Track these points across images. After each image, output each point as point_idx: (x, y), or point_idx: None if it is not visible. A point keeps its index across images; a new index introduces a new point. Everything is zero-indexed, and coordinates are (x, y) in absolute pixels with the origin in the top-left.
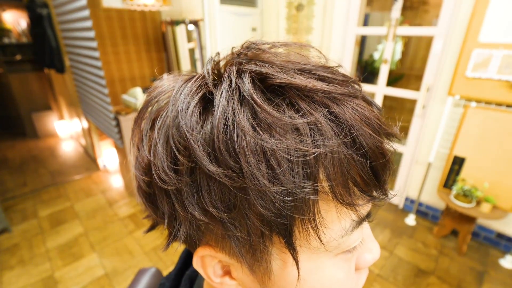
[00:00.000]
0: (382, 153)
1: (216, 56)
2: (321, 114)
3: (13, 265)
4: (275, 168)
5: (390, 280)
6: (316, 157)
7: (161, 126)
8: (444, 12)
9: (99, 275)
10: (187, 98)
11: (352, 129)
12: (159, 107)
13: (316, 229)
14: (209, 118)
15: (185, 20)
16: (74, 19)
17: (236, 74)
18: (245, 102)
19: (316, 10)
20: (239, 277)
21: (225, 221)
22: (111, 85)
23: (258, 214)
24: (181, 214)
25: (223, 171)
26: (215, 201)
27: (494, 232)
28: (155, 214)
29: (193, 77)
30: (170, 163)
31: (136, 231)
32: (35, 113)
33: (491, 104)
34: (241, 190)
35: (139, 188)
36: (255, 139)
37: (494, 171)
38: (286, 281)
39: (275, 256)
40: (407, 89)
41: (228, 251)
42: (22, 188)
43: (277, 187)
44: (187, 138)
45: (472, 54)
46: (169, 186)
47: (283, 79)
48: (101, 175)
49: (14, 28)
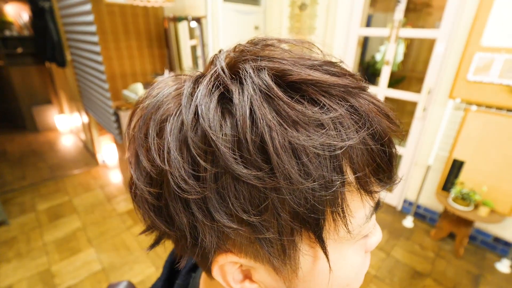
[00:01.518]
0: (392, 140)
1: (223, 53)
2: (343, 108)
3: (10, 258)
4: (307, 164)
5: (386, 281)
6: (344, 150)
7: (172, 131)
8: (447, 15)
9: (96, 270)
10: (205, 99)
11: (372, 121)
12: (163, 111)
13: (344, 220)
14: (230, 118)
15: (188, 17)
16: (76, 13)
17: (254, 71)
18: (269, 99)
19: (319, 9)
20: (261, 279)
21: (255, 225)
22: (112, 80)
23: (290, 212)
24: (205, 224)
25: (255, 173)
26: (245, 205)
27: (491, 236)
28: (168, 227)
29: (201, 76)
30: (190, 170)
31: (134, 227)
32: (35, 106)
33: (491, 108)
34: (273, 190)
35: (143, 202)
36: (285, 137)
37: (493, 175)
38: (314, 275)
39: (303, 252)
40: (408, 91)
41: (253, 254)
42: (20, 181)
43: (310, 183)
44: (211, 142)
45: (474, 57)
46: (192, 196)
47: (301, 75)
48: (100, 170)
49: (16, 21)
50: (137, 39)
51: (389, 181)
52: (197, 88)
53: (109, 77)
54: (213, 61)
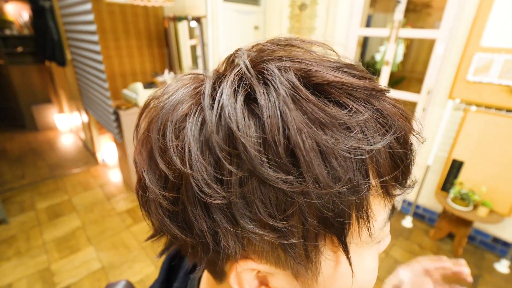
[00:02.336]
0: (413, 144)
1: (243, 51)
2: (370, 111)
3: (9, 256)
4: (336, 168)
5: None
6: (371, 154)
7: (193, 132)
8: (447, 15)
9: (95, 269)
10: (230, 99)
11: (397, 125)
12: (182, 111)
13: (368, 224)
14: (256, 120)
15: (188, 17)
16: (76, 12)
17: (280, 71)
18: (297, 101)
19: (319, 10)
20: (278, 286)
21: (281, 230)
22: (112, 79)
23: (317, 217)
24: (228, 230)
25: (284, 176)
26: (271, 210)
27: (490, 236)
28: (184, 233)
29: (221, 75)
30: (214, 173)
31: (133, 226)
32: (35, 105)
33: (491, 108)
34: (301, 194)
35: (156, 206)
36: (315, 139)
37: (492, 175)
38: (334, 280)
39: (325, 257)
40: (408, 92)
41: (274, 260)
42: (20, 180)
43: (340, 186)
44: (237, 144)
45: (474, 58)
46: (216, 200)
47: (327, 77)
48: (100, 169)
49: (16, 20)
50: (137, 39)
51: (408, 185)
52: (218, 88)
53: (109, 76)
54: (232, 60)
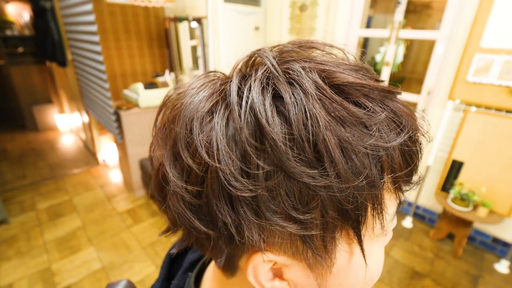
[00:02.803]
0: (421, 143)
1: (267, 52)
2: (386, 112)
3: (10, 257)
4: (356, 163)
5: (385, 281)
6: (388, 151)
7: (221, 127)
8: (447, 16)
9: (96, 269)
10: (260, 97)
11: (410, 125)
12: (208, 108)
13: (381, 216)
14: (283, 117)
15: (188, 17)
16: (77, 13)
17: (305, 71)
18: (322, 100)
19: (319, 11)
20: (292, 277)
21: (303, 222)
22: (112, 80)
23: (337, 209)
24: (253, 222)
25: (309, 170)
26: (295, 203)
27: (490, 236)
28: (206, 226)
29: (246, 74)
30: (242, 167)
31: (133, 226)
32: (35, 106)
33: (491, 109)
34: (324, 188)
35: (178, 200)
36: (338, 136)
37: (492, 176)
38: (347, 271)
39: (340, 248)
40: (408, 92)
41: (292, 252)
42: (21, 180)
43: (360, 181)
44: (266, 139)
45: (474, 59)
46: (243, 193)
47: (347, 78)
48: (100, 170)
49: (17, 20)
50: (138, 39)
51: (415, 181)
52: (244, 86)
53: (109, 77)
54: (254, 60)
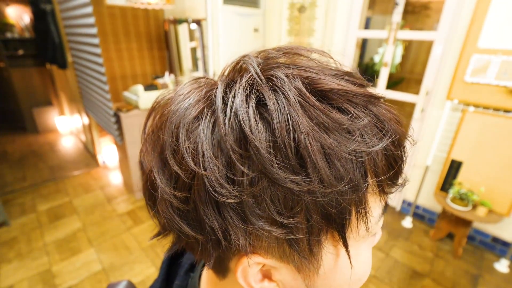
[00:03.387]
0: (405, 146)
1: (252, 58)
2: (369, 117)
3: (11, 258)
4: (339, 168)
5: (385, 281)
6: (370, 156)
7: (206, 135)
8: (444, 17)
9: (96, 270)
10: (243, 105)
11: (393, 129)
12: (194, 114)
13: (366, 219)
14: (267, 124)
15: (188, 19)
16: (77, 16)
17: (289, 79)
18: (304, 107)
19: (318, 12)
20: (280, 279)
21: (288, 226)
22: (112, 82)
23: (320, 213)
24: (239, 227)
25: (292, 177)
26: (279, 207)
27: (489, 236)
28: (194, 231)
29: (231, 81)
30: (227, 174)
31: (134, 228)
32: (36, 108)
33: (489, 109)
34: (307, 193)
35: (167, 206)
36: (321, 142)
37: (491, 175)
38: (334, 272)
39: (326, 251)
40: (407, 93)
41: (279, 255)
42: (21, 182)
43: (343, 186)
44: (250, 147)
45: (471, 59)
46: (229, 199)
47: (330, 85)
48: (100, 171)
49: (17, 23)
50: (138, 41)
51: (400, 183)
52: (229, 93)
53: (109, 79)
54: (240, 66)
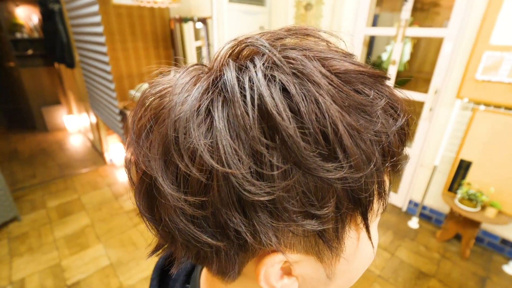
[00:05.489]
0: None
1: (260, 40)
2: (385, 98)
3: (22, 253)
4: (367, 151)
5: (390, 281)
6: (390, 136)
7: (224, 127)
8: (455, 13)
9: (104, 265)
10: (267, 90)
11: (405, 109)
12: (205, 106)
13: (384, 199)
14: (294, 111)
15: (194, 18)
16: (84, 14)
17: (308, 60)
18: (330, 90)
19: (324, 10)
20: (301, 272)
21: (320, 216)
22: (119, 81)
23: (350, 199)
24: (269, 225)
25: (325, 165)
26: (312, 199)
27: (498, 238)
28: (214, 239)
29: (242, 66)
30: (256, 169)
31: (140, 224)
32: (45, 107)
33: (500, 108)
34: (339, 180)
35: (177, 215)
36: (350, 126)
37: (501, 176)
38: (355, 256)
39: (349, 236)
40: (415, 92)
41: (304, 248)
42: (31, 179)
43: (371, 169)
44: (278, 137)
45: (483, 56)
46: (261, 197)
47: (345, 66)
48: (108, 169)
49: (26, 23)
50: (144, 40)
51: (403, 161)
52: (244, 79)
53: (115, 78)
54: (242, 49)
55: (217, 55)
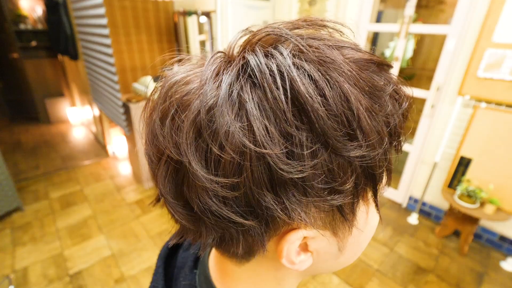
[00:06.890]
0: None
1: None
2: (392, 84)
3: (25, 242)
4: (381, 131)
5: (389, 275)
6: (399, 118)
7: (257, 110)
8: (458, 11)
9: (106, 256)
10: (299, 76)
11: (406, 93)
12: (233, 93)
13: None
14: (321, 94)
15: (198, 11)
16: (88, 6)
17: (329, 48)
18: (352, 75)
19: (328, 5)
20: (316, 247)
21: (342, 191)
22: (122, 73)
23: (367, 175)
24: (299, 202)
25: (349, 143)
26: (336, 176)
27: (497, 234)
28: (245, 218)
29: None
30: (289, 148)
31: (142, 216)
32: (48, 99)
33: (501, 105)
34: (359, 158)
35: (211, 196)
36: (368, 108)
37: (501, 173)
38: (364, 228)
39: (361, 209)
40: (418, 88)
41: (323, 223)
42: (34, 170)
43: (383, 147)
44: (309, 118)
45: (485, 54)
46: (294, 175)
47: (359, 55)
48: (110, 162)
49: (30, 15)
50: (148, 34)
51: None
52: (273, 64)
53: (119, 71)
54: (263, 37)
55: (234, 43)
